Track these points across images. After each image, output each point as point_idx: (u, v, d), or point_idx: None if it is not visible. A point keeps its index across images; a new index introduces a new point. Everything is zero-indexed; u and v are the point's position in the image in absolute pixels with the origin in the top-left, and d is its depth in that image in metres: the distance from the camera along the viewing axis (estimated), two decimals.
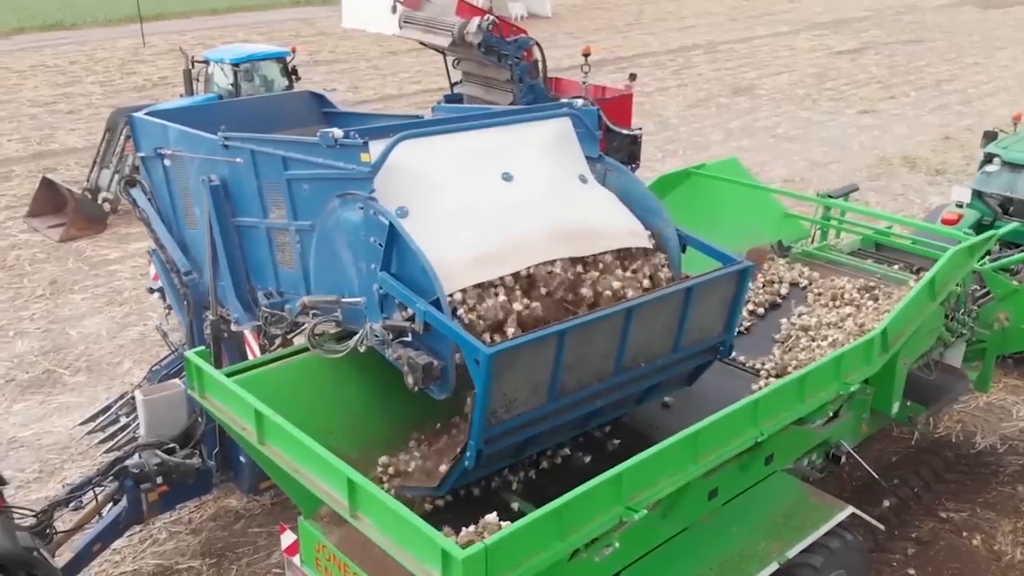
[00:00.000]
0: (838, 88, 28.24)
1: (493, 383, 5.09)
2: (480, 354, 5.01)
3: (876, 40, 37.09)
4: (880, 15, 43.97)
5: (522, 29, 14.71)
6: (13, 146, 22.56)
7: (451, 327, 5.22)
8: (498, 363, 5.05)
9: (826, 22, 42.03)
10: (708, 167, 9.40)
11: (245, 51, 18.65)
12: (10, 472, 9.51)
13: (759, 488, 6.97)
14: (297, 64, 18.95)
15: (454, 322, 5.30)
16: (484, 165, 6.18)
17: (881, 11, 45.16)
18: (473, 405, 5.23)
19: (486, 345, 5.13)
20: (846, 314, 7.99)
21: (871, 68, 31.36)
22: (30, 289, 14.24)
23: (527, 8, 43.31)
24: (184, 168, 7.80)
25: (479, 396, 5.11)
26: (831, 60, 32.90)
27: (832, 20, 42.57)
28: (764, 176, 19.36)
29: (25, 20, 42.63)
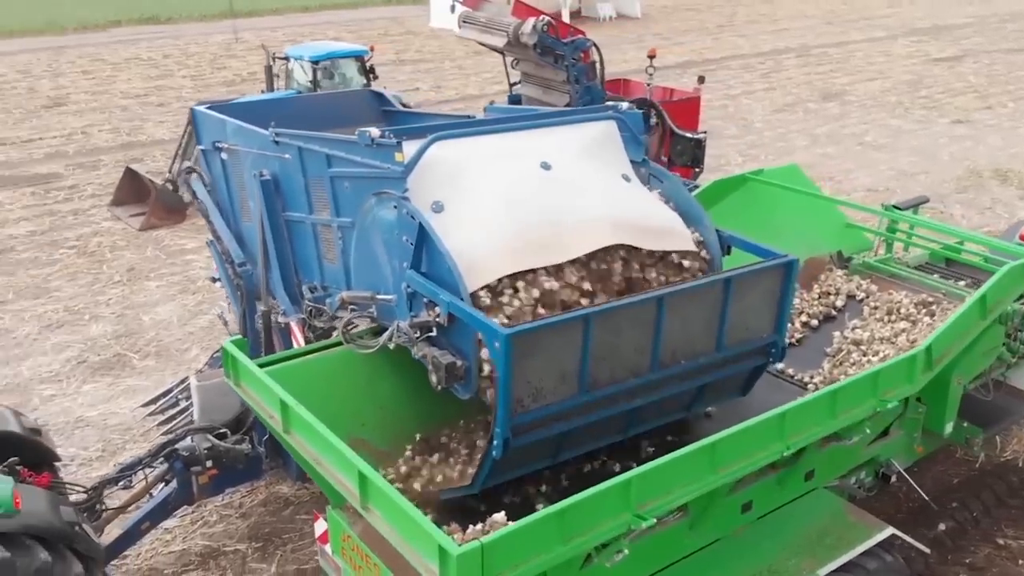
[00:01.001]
0: (932, 96, 27.36)
1: (514, 367, 5.01)
2: (498, 335, 4.95)
3: (977, 48, 35.82)
4: (983, 22, 42.45)
5: (580, 30, 14.63)
6: (103, 136, 23.49)
7: (472, 314, 5.20)
8: (518, 345, 4.97)
9: (926, 28, 40.77)
10: (766, 173, 9.19)
11: (324, 49, 19.05)
12: (74, 450, 9.94)
13: (797, 504, 6.80)
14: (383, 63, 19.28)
15: (476, 310, 5.26)
16: (522, 161, 6.15)
17: (985, 18, 43.59)
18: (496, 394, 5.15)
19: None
20: (900, 329, 7.75)
21: (969, 77, 30.29)
22: (108, 275, 14.80)
23: (616, 9, 43.12)
24: (240, 162, 8.00)
25: (500, 380, 5.04)
26: (927, 67, 31.89)
27: (932, 26, 41.28)
28: (847, 185, 18.94)
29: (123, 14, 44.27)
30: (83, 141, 23.22)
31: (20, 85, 30.19)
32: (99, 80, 30.61)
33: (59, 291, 14.24)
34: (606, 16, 42.44)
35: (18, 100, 27.91)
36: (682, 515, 5.99)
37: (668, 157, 14.69)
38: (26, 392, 11.20)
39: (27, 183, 19.84)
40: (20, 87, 29.88)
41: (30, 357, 12.11)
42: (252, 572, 8.17)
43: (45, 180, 20.07)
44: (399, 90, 23.96)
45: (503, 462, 5.41)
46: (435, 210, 5.73)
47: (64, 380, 11.54)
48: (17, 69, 32.89)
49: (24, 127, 24.69)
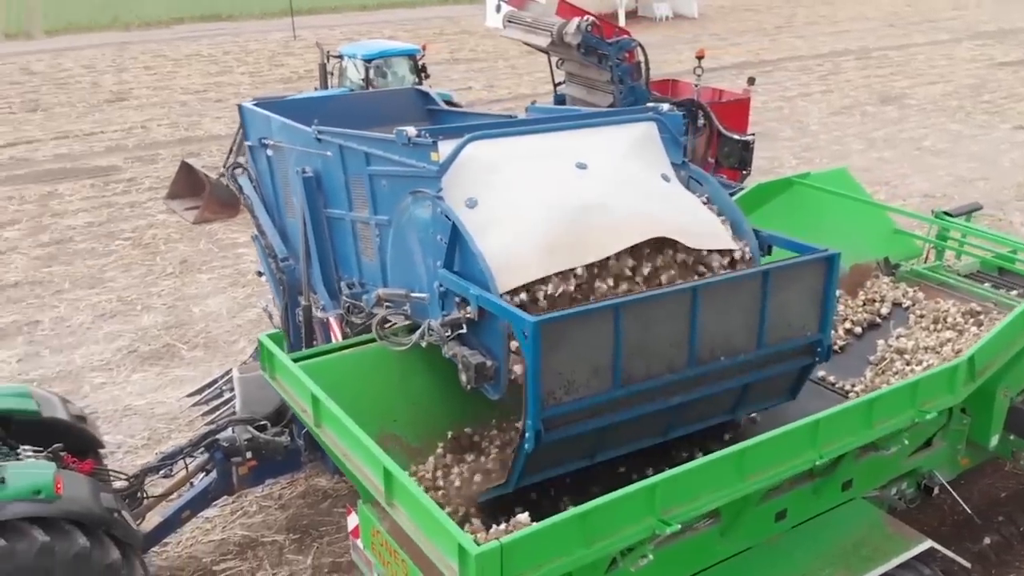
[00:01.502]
0: (995, 101, 26.70)
1: (543, 357, 4.95)
2: (526, 324, 4.92)
3: None
4: None
5: (625, 30, 14.56)
6: (162, 131, 23.97)
7: (501, 305, 5.18)
8: (546, 334, 4.92)
9: (991, 31, 39.82)
10: (812, 177, 9.05)
11: (377, 47, 19.21)
12: (120, 437, 10.16)
13: (833, 513, 6.69)
14: (438, 61, 19.40)
15: (504, 302, 5.24)
16: (558, 160, 6.12)
17: None
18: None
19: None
20: (946, 339, 7.57)
21: None
22: (161, 267, 15.09)
23: (673, 9, 42.82)
24: (284, 158, 8.11)
25: (529, 370, 4.99)
26: (991, 71, 31.13)
27: (998, 29, 40.29)
28: (903, 190, 18.59)
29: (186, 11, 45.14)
30: (142, 135, 23.73)
31: (85, 80, 30.97)
32: (160, 76, 31.27)
33: (113, 281, 14.57)
34: (662, 16, 42.16)
35: (82, 94, 28.62)
36: (713, 521, 5.93)
37: (715, 159, 14.54)
38: (77, 380, 11.48)
39: (87, 175, 20.34)
40: (85, 82, 30.64)
41: (83, 345, 12.41)
42: (288, 563, 8.27)
43: (105, 172, 20.54)
44: (451, 89, 24.11)
45: (537, 459, 5.35)
46: (469, 206, 5.74)
47: (114, 369, 11.80)
48: (83, 64, 33.74)
49: (87, 121, 25.31)
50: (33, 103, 27.47)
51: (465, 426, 6.55)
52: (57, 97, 28.27)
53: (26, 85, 30.23)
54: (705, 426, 6.26)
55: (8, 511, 6.02)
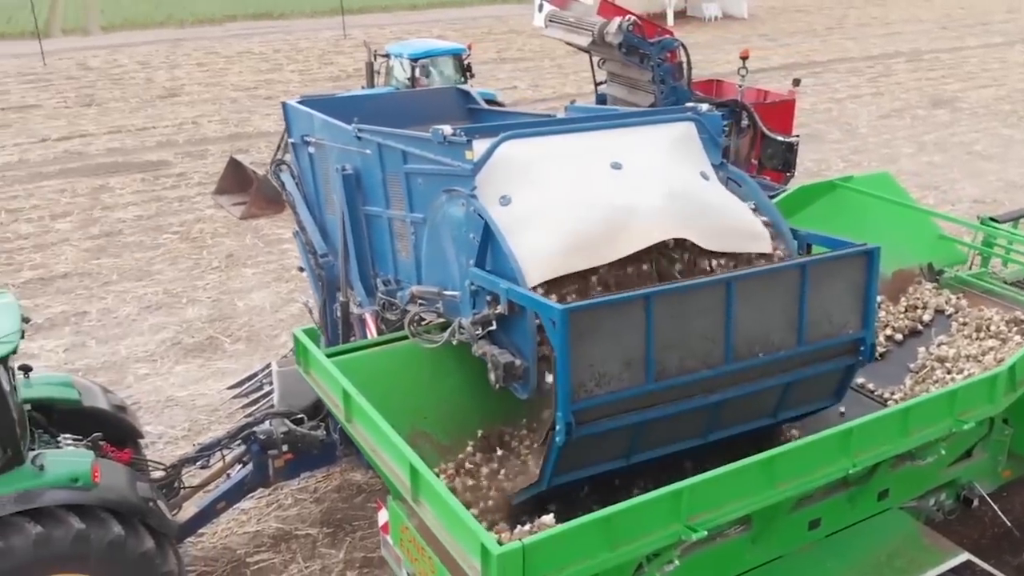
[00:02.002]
0: None
1: (572, 347, 4.91)
2: (554, 312, 4.89)
3: None
4: None
5: (668, 30, 14.45)
6: (212, 127, 24.32)
7: (529, 296, 5.17)
8: (575, 323, 4.88)
9: None
10: (856, 180, 8.93)
11: (423, 47, 19.32)
12: (162, 428, 10.33)
13: (868, 523, 6.60)
14: (484, 61, 19.43)
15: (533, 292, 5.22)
16: (592, 159, 6.10)
17: None
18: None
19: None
20: (988, 347, 7.42)
21: None
22: (207, 261, 15.32)
23: (722, 9, 42.44)
24: (325, 156, 8.19)
25: (559, 360, 4.95)
26: None
27: None
28: (952, 195, 18.26)
29: (239, 9, 45.74)
30: (193, 131, 24.08)
31: (139, 76, 31.50)
32: (212, 72, 31.71)
33: (160, 274, 14.81)
34: (711, 16, 41.79)
35: (136, 90, 29.12)
36: (744, 529, 5.88)
37: (759, 160, 14.38)
38: (122, 370, 11.69)
39: (138, 169, 20.70)
40: (139, 77, 31.17)
41: (128, 337, 12.64)
42: (321, 557, 8.34)
43: (155, 167, 20.88)
44: (496, 88, 24.13)
45: (569, 455, 5.26)
46: (502, 204, 5.75)
47: (158, 360, 12.00)
48: (137, 60, 34.32)
49: (139, 116, 25.75)
50: (88, 98, 28.02)
51: (496, 425, 6.56)
52: (111, 92, 28.80)
53: (82, 80, 30.84)
54: (746, 429, 6.11)
55: (46, 498, 6.16)
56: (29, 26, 37.50)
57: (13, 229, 16.82)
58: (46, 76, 31.63)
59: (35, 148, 22.48)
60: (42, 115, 25.98)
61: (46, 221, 17.27)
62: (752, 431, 6.23)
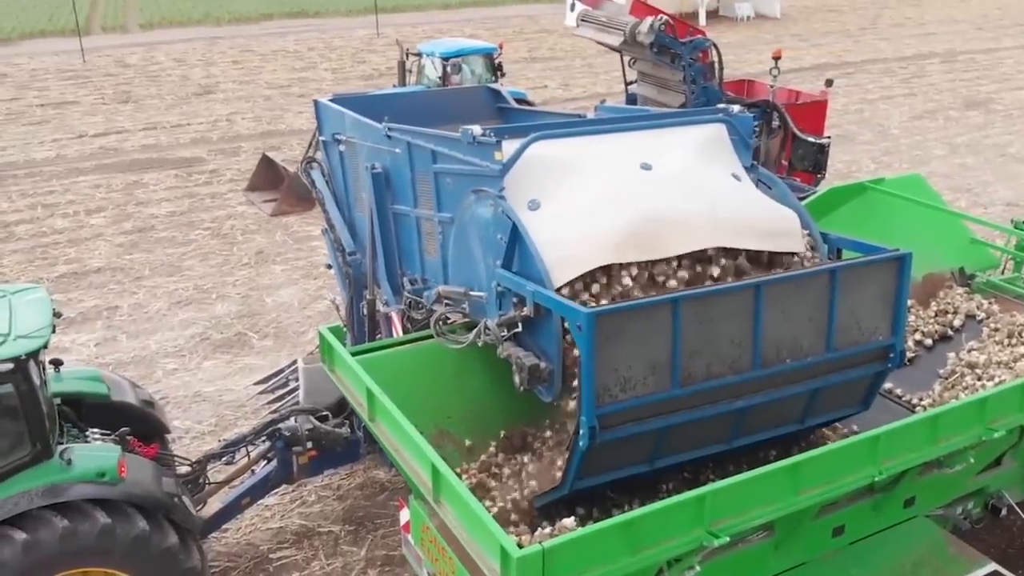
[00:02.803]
0: None
1: (598, 351, 4.86)
2: (580, 316, 4.85)
3: None
4: None
5: (700, 30, 14.35)
6: (246, 124, 24.53)
7: (555, 299, 5.15)
8: (602, 327, 4.85)
9: None
10: (887, 183, 8.83)
11: (455, 46, 19.34)
12: (189, 423, 10.42)
13: (894, 531, 6.52)
14: (515, 59, 19.42)
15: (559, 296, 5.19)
16: (623, 161, 6.06)
17: None
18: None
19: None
20: (1020, 354, 7.32)
21: None
22: (238, 257, 15.45)
23: (755, 8, 42.17)
24: (356, 154, 8.21)
25: (584, 364, 4.90)
26: None
27: None
28: (985, 198, 18.02)
29: (275, 7, 46.13)
30: (227, 128, 24.31)
31: (175, 73, 31.85)
32: (247, 70, 31.99)
33: (191, 270, 14.96)
34: (744, 16, 41.55)
35: (172, 87, 29.44)
36: (767, 535, 5.83)
37: (789, 161, 14.26)
38: (151, 365, 11.81)
39: (172, 166, 20.92)
40: (175, 75, 31.52)
41: (158, 332, 12.77)
42: (343, 554, 8.38)
43: (188, 164, 21.10)
44: (527, 87, 24.13)
45: (592, 460, 5.21)
46: (531, 208, 5.73)
47: (187, 355, 12.11)
48: (174, 58, 34.71)
49: (174, 113, 26.02)
50: (125, 95, 28.36)
51: (519, 426, 6.55)
52: (148, 89, 29.14)
53: (119, 77, 31.23)
54: (773, 435, 6.05)
55: (73, 492, 6.23)
56: (70, 23, 38.07)
57: (49, 224, 17.07)
58: (85, 73, 32.07)
59: (72, 144, 22.81)
60: (80, 111, 26.34)
61: (81, 216, 17.51)
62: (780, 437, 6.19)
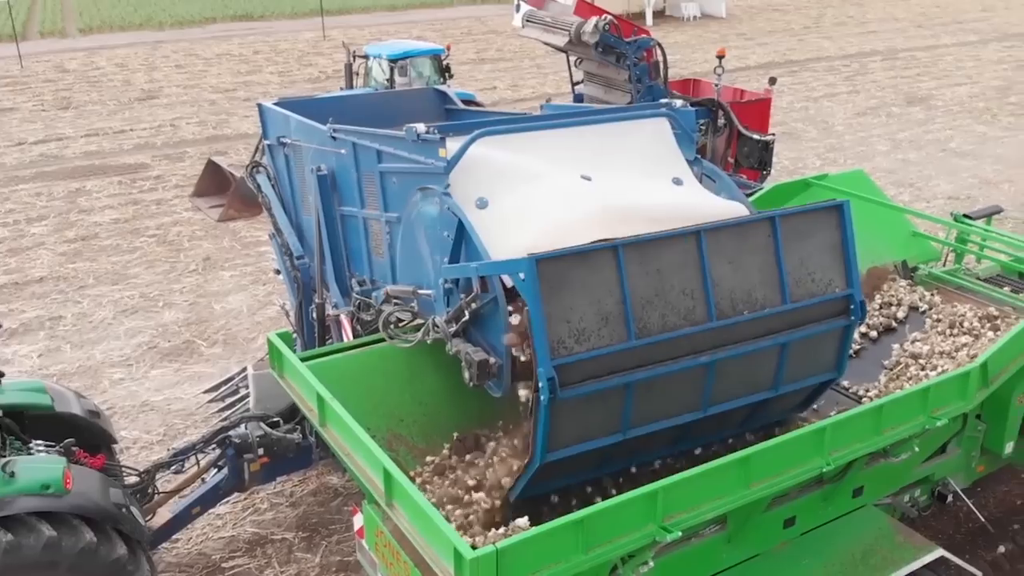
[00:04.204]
0: (1023, 103, 26.31)
1: (544, 300, 4.82)
2: (522, 264, 4.81)
3: None
4: None
5: (645, 30, 14.48)
6: (191, 129, 24.18)
7: (497, 262, 5.14)
8: (545, 274, 4.81)
9: (1019, 33, 39.18)
10: (830, 178, 8.95)
11: (402, 47, 19.27)
12: (137, 433, 10.25)
13: (843, 521, 6.62)
14: (464, 61, 19.40)
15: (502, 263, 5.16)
16: (567, 162, 6.07)
17: None
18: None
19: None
20: (961, 344, 7.46)
21: None
22: (184, 264, 15.22)
23: (701, 9, 42.63)
24: (301, 157, 8.15)
25: (533, 314, 4.84)
26: (1018, 73, 30.65)
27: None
28: (927, 192, 18.39)
29: (219, 11, 45.57)
30: (171, 133, 23.94)
31: (116, 78, 31.29)
32: (191, 74, 31.55)
33: (137, 278, 14.70)
34: (690, 16, 41.98)
35: (113, 92, 28.92)
36: (719, 528, 5.88)
37: (735, 159, 14.44)
38: (97, 375, 11.59)
39: (115, 172, 20.56)
40: (116, 80, 30.96)
41: (104, 341, 12.53)
42: (297, 562, 8.29)
43: (133, 170, 20.75)
44: (476, 89, 24.13)
45: (560, 424, 5.06)
46: (479, 206, 5.73)
47: (134, 365, 11.90)
48: (115, 62, 34.10)
49: (117, 118, 25.57)
50: (65, 100, 27.80)
51: (472, 427, 6.53)
52: (89, 95, 28.59)
53: (59, 83, 30.60)
54: (748, 402, 5.93)
55: (16, 506, 6.06)
56: (6, 29, 37.22)
57: None
58: (23, 79, 31.38)
59: (11, 151, 22.30)
60: (18, 118, 25.77)
61: (21, 225, 17.12)
62: (756, 415, 6.17)
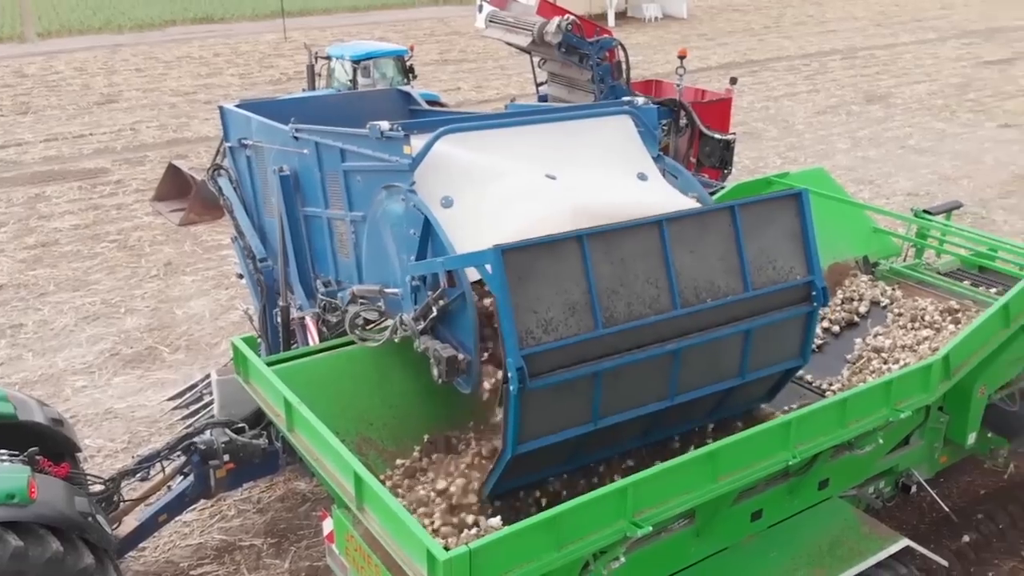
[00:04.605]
0: (980, 100, 26.78)
1: (511, 291, 4.84)
2: (488, 256, 4.84)
3: None
4: None
5: (607, 30, 14.57)
6: (151, 133, 23.91)
7: (464, 255, 5.15)
8: (512, 265, 4.83)
9: (978, 30, 39.92)
10: (791, 176, 9.05)
11: (364, 48, 19.20)
12: (101, 441, 10.11)
13: (809, 513, 6.69)
14: (427, 62, 19.36)
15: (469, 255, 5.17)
16: (532, 160, 6.11)
17: None
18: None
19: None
20: (923, 337, 7.58)
21: (1020, 80, 29.56)
22: (146, 269, 15.04)
23: (662, 9, 42.89)
24: (263, 158, 8.09)
25: (500, 305, 4.85)
26: (977, 70, 31.22)
27: (985, 28, 40.42)
28: (887, 189, 18.63)
29: (178, 13, 45.07)
30: (131, 137, 23.64)
31: (75, 82, 30.84)
32: (151, 78, 31.18)
33: (98, 284, 14.50)
34: (652, 17, 42.22)
35: (73, 96, 28.50)
36: (688, 523, 5.93)
37: (697, 158, 14.56)
38: (59, 383, 11.42)
39: (75, 177, 20.26)
40: (75, 84, 30.52)
41: (66, 348, 12.35)
42: (266, 568, 8.22)
43: (92, 175, 20.46)
44: (440, 90, 24.09)
45: (531, 415, 5.06)
46: (444, 205, 5.73)
47: (96, 372, 11.74)
48: (74, 67, 33.61)
49: (76, 123, 25.21)
50: (24, 105, 27.35)
51: (442, 429, 6.52)
52: (48, 99, 28.15)
53: (18, 88, 30.09)
54: (716, 390, 5.98)
55: None
56: None
57: None
58: None
59: None
60: None
61: None
62: (724, 405, 6.23)
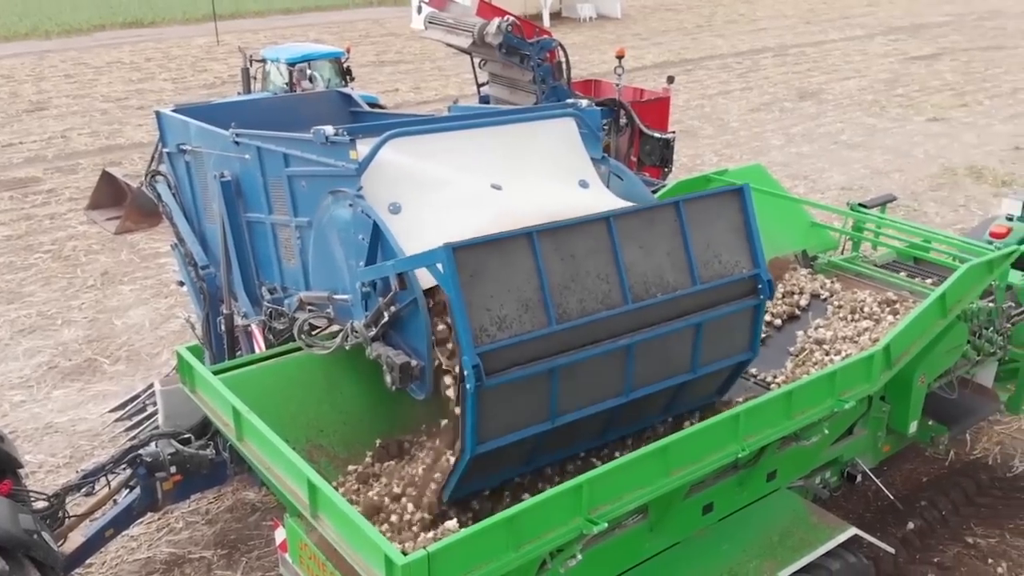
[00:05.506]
0: (909, 95, 27.48)
1: (464, 288, 4.85)
2: (439, 254, 4.84)
3: (954, 46, 35.96)
4: (961, 20, 42.67)
5: (546, 31, 14.66)
6: (83, 140, 23.35)
7: (416, 257, 5.15)
8: (463, 263, 4.85)
9: (904, 27, 40.94)
10: (730, 173, 9.17)
11: (301, 50, 19.02)
12: (42, 456, 9.87)
13: (759, 505, 6.80)
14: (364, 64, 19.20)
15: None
16: (478, 165, 6.13)
17: (963, 16, 43.82)
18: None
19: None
20: (863, 328, 7.74)
21: (946, 75, 30.44)
22: (82, 279, 14.70)
23: (597, 10, 43.18)
24: (203, 164, 7.95)
25: (453, 303, 4.87)
26: (904, 66, 32.04)
27: (911, 24, 41.47)
28: (821, 184, 19.01)
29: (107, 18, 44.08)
30: (62, 145, 23.07)
31: (2, 90, 29.94)
32: (81, 84, 30.44)
33: (33, 296, 14.15)
34: (586, 17, 42.49)
35: (0, 104, 27.70)
36: (641, 518, 5.99)
37: (638, 157, 14.70)
38: None
39: (5, 188, 19.70)
40: (3, 91, 29.63)
41: (1, 363, 12.02)
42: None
43: (23, 184, 19.93)
44: (378, 91, 23.95)
45: (488, 414, 5.07)
46: (392, 211, 5.71)
47: (34, 386, 11.45)
48: (1, 74, 32.63)
49: (4, 132, 24.49)
50: None
51: (394, 434, 6.49)
52: None
53: None
54: (669, 384, 6.05)
55: None
56: None
57: None
58: None
59: None
60: None
61: None
62: (679, 400, 6.31)
